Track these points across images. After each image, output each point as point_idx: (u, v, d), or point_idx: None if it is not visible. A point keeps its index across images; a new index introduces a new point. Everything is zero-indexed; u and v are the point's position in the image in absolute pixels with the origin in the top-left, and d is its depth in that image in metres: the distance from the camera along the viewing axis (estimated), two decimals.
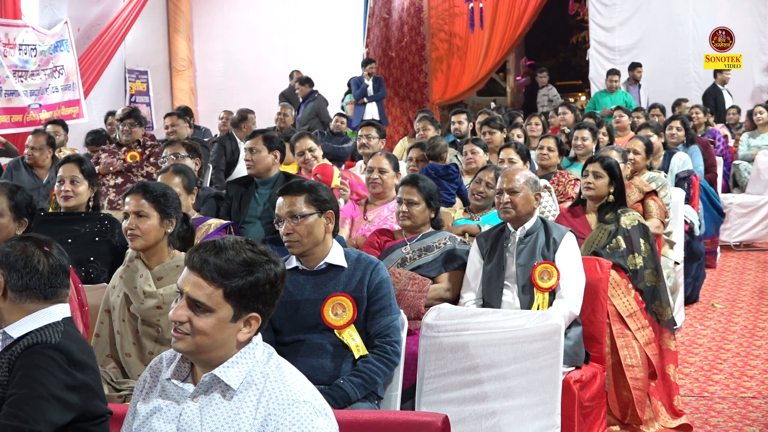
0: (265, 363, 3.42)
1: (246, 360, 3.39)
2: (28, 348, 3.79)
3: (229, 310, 3.34)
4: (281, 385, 3.34)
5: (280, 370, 3.40)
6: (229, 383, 3.34)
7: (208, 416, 3.35)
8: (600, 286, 6.39)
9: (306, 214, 5.22)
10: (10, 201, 5.71)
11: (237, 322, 3.37)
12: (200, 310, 3.33)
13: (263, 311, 3.43)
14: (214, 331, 3.34)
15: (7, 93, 17.57)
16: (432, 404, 5.49)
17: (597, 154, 8.02)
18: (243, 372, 3.37)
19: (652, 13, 20.08)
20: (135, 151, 10.83)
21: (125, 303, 5.40)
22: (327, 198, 5.33)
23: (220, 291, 3.33)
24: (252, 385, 3.35)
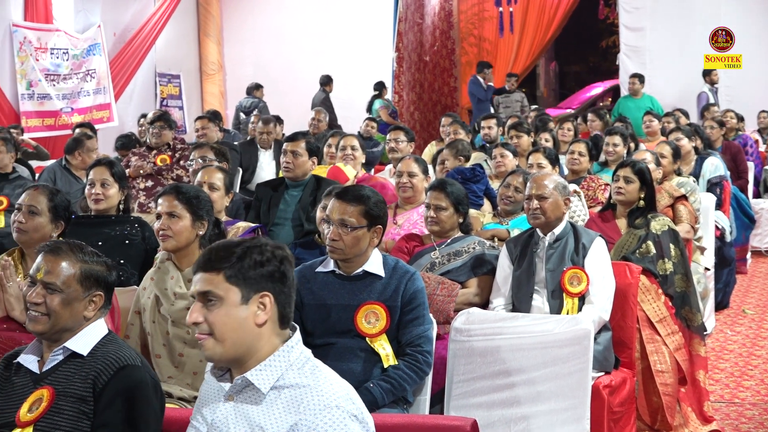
0: (300, 367, 3.43)
1: (279, 363, 3.41)
2: (120, 371, 3.90)
3: (236, 293, 3.40)
4: (314, 390, 3.34)
5: (315, 375, 3.41)
6: (260, 387, 3.37)
7: (240, 417, 3.39)
8: (630, 291, 6.38)
9: (356, 227, 5.22)
10: (50, 202, 5.82)
11: (249, 305, 3.41)
12: (211, 303, 3.40)
13: (275, 290, 3.46)
14: (230, 320, 3.39)
15: (39, 97, 17.66)
16: (461, 408, 5.49)
17: (628, 159, 8.01)
18: (275, 376, 3.39)
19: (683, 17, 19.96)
20: (165, 154, 10.86)
21: (156, 305, 5.41)
22: (379, 214, 5.31)
23: (221, 275, 3.40)
24: (283, 390, 3.37)
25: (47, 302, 4.01)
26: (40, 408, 3.84)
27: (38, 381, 3.95)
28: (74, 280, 4.05)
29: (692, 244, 8.90)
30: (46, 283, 4.03)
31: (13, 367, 4.05)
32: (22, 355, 4.06)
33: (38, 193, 5.91)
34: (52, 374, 3.95)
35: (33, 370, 4.00)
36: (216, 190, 6.85)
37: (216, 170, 7.20)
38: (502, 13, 22.99)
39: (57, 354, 3.99)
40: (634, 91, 18.53)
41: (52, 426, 3.81)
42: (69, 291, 4.04)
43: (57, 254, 4.10)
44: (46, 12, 17.99)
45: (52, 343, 4.02)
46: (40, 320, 4.00)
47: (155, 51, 20.93)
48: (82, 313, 4.06)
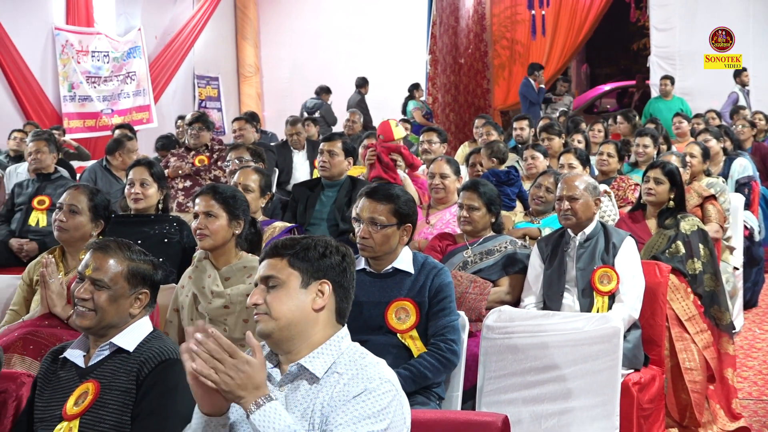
0: (350, 356, 3.52)
1: (332, 351, 3.51)
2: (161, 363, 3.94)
3: (296, 278, 3.51)
4: (363, 369, 3.43)
5: (365, 360, 3.50)
6: (315, 372, 3.45)
7: (292, 404, 3.44)
8: (659, 290, 6.38)
9: (386, 225, 5.24)
10: (90, 202, 5.89)
11: (308, 289, 3.51)
12: (272, 286, 3.50)
13: (334, 279, 3.57)
14: (288, 300, 3.48)
15: (81, 98, 17.78)
16: (492, 405, 5.49)
17: (658, 160, 8.00)
18: (328, 362, 3.47)
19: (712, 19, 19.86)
20: (203, 155, 10.90)
21: (193, 303, 5.45)
22: (409, 212, 5.33)
23: (285, 261, 3.52)
24: (334, 373, 3.44)
25: (94, 298, 4.05)
26: (85, 401, 3.88)
27: (84, 375, 3.99)
28: (121, 278, 4.10)
29: (721, 243, 8.89)
30: (94, 280, 4.07)
31: (60, 362, 4.10)
32: (69, 350, 4.11)
33: (79, 192, 5.96)
34: (97, 368, 4.00)
35: (79, 365, 4.04)
36: (250, 192, 6.87)
37: (252, 172, 7.21)
38: (534, 16, 22.95)
39: (103, 349, 4.04)
40: (665, 92, 18.47)
41: (97, 419, 3.86)
42: (116, 288, 4.08)
43: (105, 252, 4.15)
44: (87, 16, 18.11)
45: (98, 339, 4.07)
46: (87, 315, 4.04)
47: (194, 53, 21.05)
48: (128, 310, 4.11)
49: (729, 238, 9.37)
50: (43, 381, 4.10)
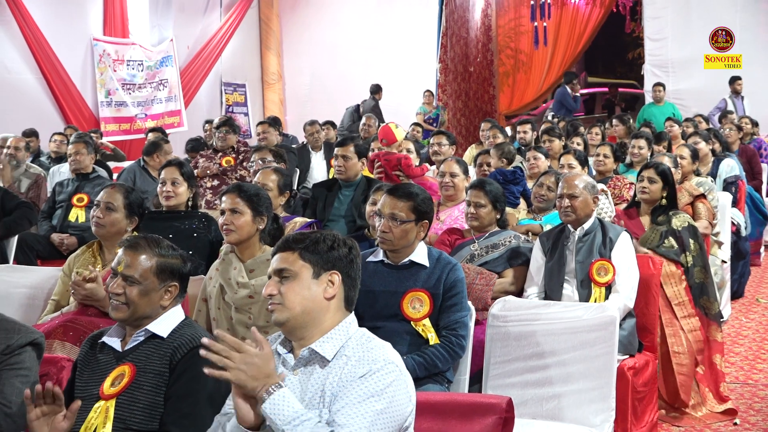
0: (358, 339, 3.54)
1: (340, 335, 3.53)
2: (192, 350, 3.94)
3: (308, 270, 3.54)
4: (369, 351, 3.46)
5: (371, 343, 3.52)
6: (325, 355, 3.47)
7: (306, 387, 3.46)
8: (652, 281, 6.39)
9: (405, 221, 5.26)
10: (125, 200, 5.91)
11: (319, 279, 3.54)
12: (286, 279, 3.52)
13: (343, 270, 3.60)
14: (301, 291, 3.51)
15: (117, 104, 17.84)
16: (497, 387, 5.49)
17: (652, 161, 7.99)
18: (337, 345, 3.50)
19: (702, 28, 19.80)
20: (230, 156, 10.92)
21: (220, 293, 5.46)
22: (426, 210, 5.36)
23: (296, 254, 3.54)
24: (344, 357, 3.46)
25: (127, 293, 4.06)
26: (122, 383, 3.89)
27: (120, 358, 4.01)
28: (151, 273, 4.11)
29: (710, 238, 8.89)
30: (126, 276, 4.09)
31: (98, 346, 4.12)
32: (107, 335, 4.13)
33: (115, 191, 5.97)
34: (133, 352, 4.01)
35: (116, 349, 4.06)
36: (269, 191, 6.87)
37: (271, 172, 7.23)
38: (536, 28, 22.99)
39: (139, 335, 4.06)
40: (657, 98, 18.42)
41: (132, 399, 3.87)
42: (146, 283, 4.09)
43: (136, 249, 4.16)
44: (123, 27, 18.19)
45: (133, 328, 4.09)
46: (121, 309, 4.06)
47: (221, 62, 21.10)
48: (158, 302, 4.12)
49: (717, 233, 9.37)
50: (83, 363, 4.11)
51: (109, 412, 3.85)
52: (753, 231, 11.70)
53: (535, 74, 23.48)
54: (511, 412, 3.78)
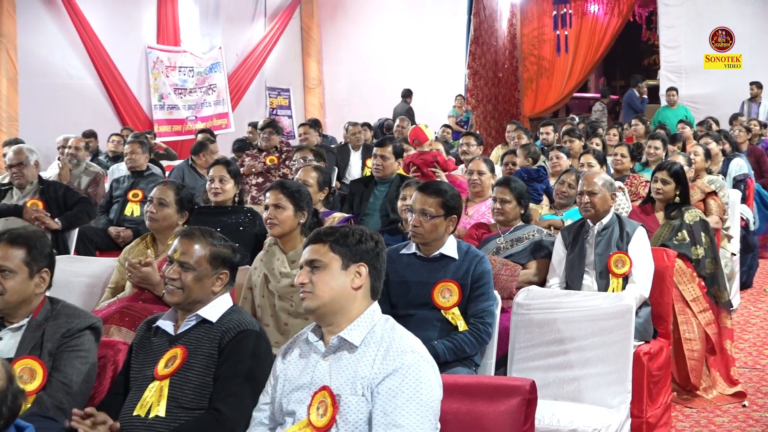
0: (383, 325, 3.56)
1: (366, 323, 3.54)
2: (241, 333, 3.98)
3: (337, 261, 3.55)
4: (395, 340, 3.47)
5: (395, 330, 3.54)
6: (353, 342, 3.49)
7: (336, 371, 3.48)
8: (666, 272, 6.36)
9: (435, 216, 5.26)
10: (176, 195, 5.93)
11: (347, 271, 3.55)
12: (316, 269, 3.54)
13: (370, 263, 3.60)
14: (330, 281, 3.53)
15: (169, 107, 17.94)
16: (521, 371, 5.48)
17: (665, 162, 7.94)
18: (364, 332, 3.52)
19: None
20: (273, 156, 10.93)
21: (264, 282, 5.47)
22: (455, 205, 5.36)
23: (327, 246, 3.56)
24: (371, 342, 3.49)
25: (182, 278, 4.08)
26: (174, 364, 3.91)
27: (173, 341, 4.03)
28: (205, 260, 4.13)
29: (721, 232, 8.85)
30: (182, 263, 4.11)
31: (153, 330, 4.14)
32: (161, 320, 4.15)
33: (167, 187, 6.00)
34: (185, 336, 4.03)
35: (169, 332, 4.08)
36: (309, 187, 6.88)
37: (311, 170, 7.25)
38: (558, 36, 22.93)
39: (190, 320, 4.07)
40: (671, 102, 18.33)
41: (184, 380, 3.89)
42: (200, 269, 4.11)
43: (191, 238, 4.19)
44: (175, 36, 18.30)
45: (185, 312, 4.10)
46: (176, 293, 4.08)
47: (265, 68, 21.14)
48: (210, 288, 4.13)
49: (728, 228, 9.36)
50: (138, 346, 4.14)
51: (163, 392, 3.87)
52: (761, 226, 11.64)
53: (557, 79, 23.41)
54: (534, 393, 3.77)
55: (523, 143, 11.31)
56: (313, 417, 3.42)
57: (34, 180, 8.28)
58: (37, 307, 4.30)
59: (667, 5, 20.13)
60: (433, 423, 3.39)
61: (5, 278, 4.20)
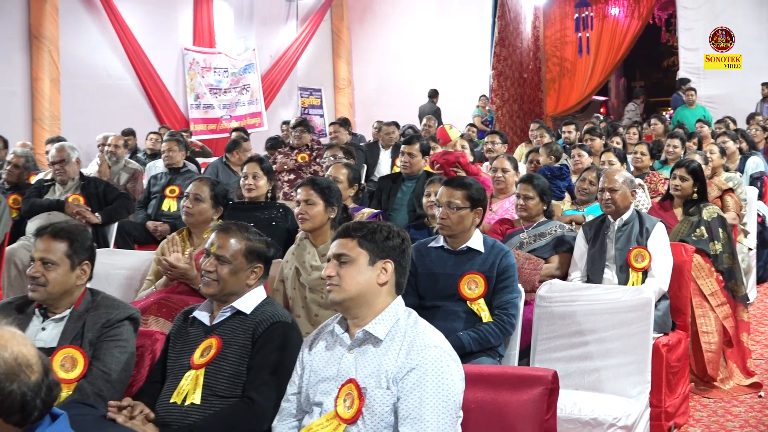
0: (406, 318, 3.54)
1: (390, 316, 3.53)
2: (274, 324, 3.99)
3: (365, 257, 3.53)
4: (418, 335, 3.46)
5: (418, 324, 3.53)
6: (378, 335, 3.48)
7: (361, 364, 3.47)
8: (685, 267, 6.35)
9: (461, 207, 5.27)
10: (211, 191, 5.95)
11: (374, 266, 3.53)
12: (344, 263, 3.53)
13: (396, 259, 3.58)
14: (357, 275, 3.51)
15: (205, 106, 18.00)
16: (544, 361, 5.47)
17: (684, 160, 7.90)
18: (388, 326, 3.50)
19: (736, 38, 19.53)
20: (304, 153, 10.93)
21: (296, 275, 5.48)
22: (480, 197, 5.37)
23: (355, 242, 3.54)
24: (396, 336, 3.47)
25: (218, 271, 4.09)
26: (210, 354, 3.92)
27: (209, 332, 4.05)
28: (240, 254, 4.14)
29: (738, 228, 8.81)
30: (218, 256, 4.12)
31: (189, 320, 4.15)
32: (197, 310, 4.17)
33: (202, 183, 6.01)
34: (220, 327, 4.04)
35: (205, 323, 4.10)
36: (339, 183, 6.89)
37: (341, 167, 7.26)
38: (580, 38, 22.90)
39: (225, 311, 4.08)
40: (690, 102, 18.24)
41: (218, 369, 3.91)
42: (235, 263, 4.12)
43: (227, 233, 4.20)
44: (210, 38, 18.37)
45: (220, 303, 4.12)
46: (212, 285, 4.09)
47: (297, 69, 21.17)
48: (245, 281, 4.14)
49: (744, 224, 9.33)
50: (175, 336, 4.16)
51: (199, 380, 3.89)
52: None
53: (579, 80, 23.39)
54: (556, 383, 3.76)
55: (546, 142, 11.32)
56: (340, 409, 3.42)
57: (76, 176, 8.32)
58: (78, 298, 4.33)
59: (685, 8, 20.08)
60: (454, 416, 3.38)
61: (48, 270, 4.23)
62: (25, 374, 2.34)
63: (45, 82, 14.75)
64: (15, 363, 2.33)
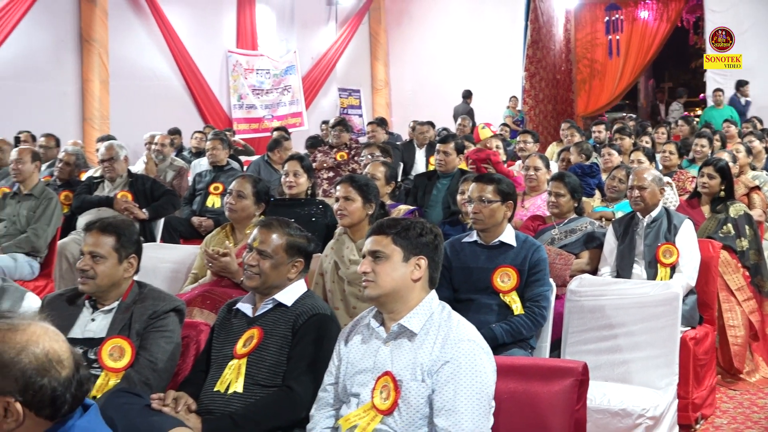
0: (440, 312, 3.53)
1: (425, 310, 3.51)
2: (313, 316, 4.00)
3: (399, 253, 3.51)
4: (452, 329, 3.44)
5: (451, 317, 3.51)
6: (413, 329, 3.46)
7: (397, 357, 3.47)
8: (712, 263, 6.32)
9: (492, 201, 5.27)
10: (254, 188, 5.95)
11: (408, 263, 3.51)
12: (379, 259, 3.52)
13: (429, 255, 3.56)
14: (392, 272, 3.50)
15: (247, 107, 18.08)
16: (574, 354, 5.45)
17: (711, 158, 7.86)
18: (423, 319, 3.49)
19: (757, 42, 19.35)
20: (343, 152, 10.94)
21: (335, 268, 5.49)
22: (510, 191, 5.37)
23: (389, 238, 3.53)
24: (430, 329, 3.46)
25: (260, 265, 4.11)
26: (252, 344, 3.94)
27: (251, 323, 4.06)
28: (281, 249, 4.15)
29: (764, 225, 8.74)
30: (260, 251, 4.13)
31: (233, 312, 4.17)
32: (240, 302, 4.18)
33: (245, 181, 6.02)
34: (262, 318, 4.06)
35: (248, 314, 4.11)
36: (377, 180, 6.90)
37: (379, 165, 7.28)
38: (610, 40, 22.80)
39: (267, 303, 4.09)
40: (717, 102, 18.10)
41: (260, 359, 3.92)
42: (277, 257, 4.13)
43: (269, 228, 4.21)
44: (253, 41, 18.45)
45: (262, 296, 4.13)
46: (254, 278, 4.11)
47: (336, 70, 21.22)
48: (286, 274, 4.15)
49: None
50: (219, 327, 4.18)
51: (241, 369, 3.90)
52: None
53: (609, 81, 23.28)
54: (586, 375, 3.74)
55: (576, 141, 11.29)
56: (376, 400, 3.42)
57: (124, 173, 8.37)
58: (126, 290, 4.35)
59: (713, 11, 19.92)
60: (487, 406, 3.38)
61: (96, 263, 4.26)
62: (55, 369, 2.34)
63: (95, 84, 14.87)
64: (46, 359, 2.33)
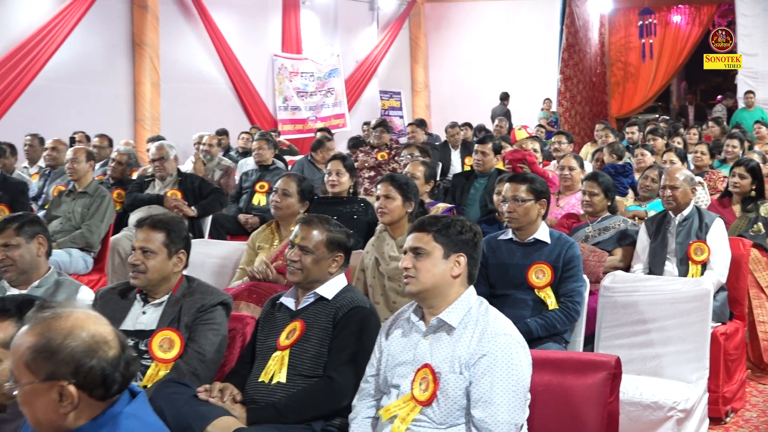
0: (478, 307, 3.52)
1: (463, 305, 3.51)
2: (353, 309, 4.03)
3: (439, 250, 3.51)
4: (489, 323, 3.44)
5: (489, 312, 3.51)
6: (451, 323, 3.46)
7: (436, 350, 3.46)
8: (742, 260, 6.27)
9: (525, 200, 5.26)
10: (298, 187, 5.99)
11: (448, 260, 3.51)
12: (420, 255, 3.51)
13: (469, 253, 3.55)
14: (432, 268, 3.49)
15: (292, 108, 18.14)
16: (607, 348, 5.43)
17: (742, 158, 7.80)
18: (461, 314, 3.48)
19: None
20: (384, 152, 10.95)
21: (375, 264, 5.50)
22: (543, 190, 5.36)
23: (430, 236, 3.52)
24: (468, 323, 3.46)
25: (302, 260, 4.13)
26: (294, 336, 3.96)
27: (294, 316, 4.08)
28: (322, 245, 4.16)
29: None
30: (302, 246, 4.15)
31: (276, 306, 4.20)
32: (283, 297, 4.20)
33: (290, 179, 6.06)
34: (304, 311, 4.08)
35: (290, 308, 4.13)
36: (417, 179, 6.91)
37: (419, 164, 7.30)
38: (643, 44, 22.64)
39: (309, 297, 4.11)
40: (748, 104, 17.94)
41: (302, 350, 3.94)
42: (318, 252, 4.15)
43: (310, 225, 4.23)
44: (297, 45, 18.51)
45: (305, 290, 4.15)
46: (296, 273, 4.13)
47: (378, 73, 21.25)
48: (327, 269, 4.16)
49: None
50: (264, 320, 4.21)
51: (284, 360, 3.93)
52: None
53: (642, 84, 23.16)
54: (619, 368, 3.73)
55: (610, 141, 11.25)
56: (416, 392, 3.43)
57: (174, 172, 8.43)
58: (175, 284, 4.38)
59: (744, 15, 19.77)
60: (523, 398, 3.38)
61: (147, 258, 4.29)
62: (102, 350, 2.38)
63: (146, 86, 15.00)
64: (92, 340, 2.37)
